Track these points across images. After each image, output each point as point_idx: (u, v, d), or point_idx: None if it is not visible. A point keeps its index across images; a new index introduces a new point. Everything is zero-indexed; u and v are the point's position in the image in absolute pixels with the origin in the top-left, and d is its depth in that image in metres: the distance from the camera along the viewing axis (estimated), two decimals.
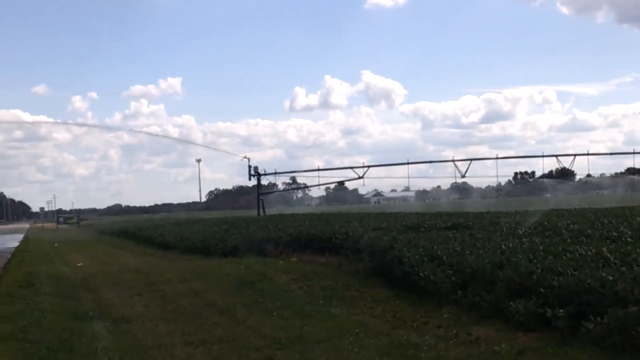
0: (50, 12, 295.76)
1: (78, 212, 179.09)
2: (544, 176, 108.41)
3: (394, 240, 22.88)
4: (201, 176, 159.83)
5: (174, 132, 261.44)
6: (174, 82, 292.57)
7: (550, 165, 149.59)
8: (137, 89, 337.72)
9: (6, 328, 15.75)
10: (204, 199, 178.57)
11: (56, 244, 55.12)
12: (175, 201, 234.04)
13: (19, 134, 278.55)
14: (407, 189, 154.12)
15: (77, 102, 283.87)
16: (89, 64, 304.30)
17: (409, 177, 77.82)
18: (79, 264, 34.41)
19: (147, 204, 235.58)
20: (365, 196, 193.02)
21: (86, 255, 42.72)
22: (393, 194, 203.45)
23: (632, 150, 78.67)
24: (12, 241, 65.82)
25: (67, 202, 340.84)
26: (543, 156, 76.84)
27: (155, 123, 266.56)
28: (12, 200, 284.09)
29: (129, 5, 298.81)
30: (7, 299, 20.88)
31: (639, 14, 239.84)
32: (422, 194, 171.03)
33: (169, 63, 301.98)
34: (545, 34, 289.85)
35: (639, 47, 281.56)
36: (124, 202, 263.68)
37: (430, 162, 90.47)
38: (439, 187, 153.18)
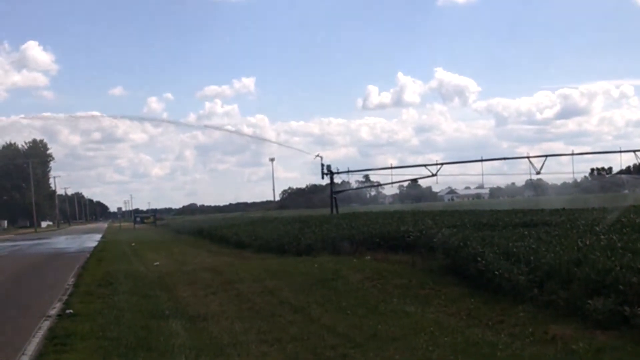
0: (124, 15, 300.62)
1: (154, 212, 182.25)
2: (621, 172, 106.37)
3: (467, 237, 22.70)
4: (275, 175, 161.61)
5: (248, 131, 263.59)
6: (248, 82, 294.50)
7: (628, 160, 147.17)
8: (211, 89, 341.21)
9: (86, 326, 16.09)
10: (277, 198, 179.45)
11: (133, 244, 55.97)
12: (249, 200, 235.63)
13: (96, 135, 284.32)
14: (481, 186, 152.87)
15: (153, 103, 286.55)
16: (163, 66, 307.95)
17: (482, 175, 76.84)
18: (155, 263, 34.88)
19: (221, 204, 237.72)
20: (439, 194, 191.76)
21: (162, 254, 43.30)
22: (467, 192, 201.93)
23: None
24: (91, 241, 67.15)
25: (143, 202, 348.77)
26: (620, 152, 75.41)
27: (229, 123, 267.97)
28: (91, 201, 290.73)
29: (201, 6, 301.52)
30: (86, 298, 21.33)
31: None
32: (496, 191, 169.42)
33: (242, 63, 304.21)
34: (621, 26, 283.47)
35: None
36: (199, 202, 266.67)
37: (505, 159, 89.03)
38: (513, 184, 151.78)
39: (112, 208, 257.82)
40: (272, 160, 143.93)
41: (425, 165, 75.26)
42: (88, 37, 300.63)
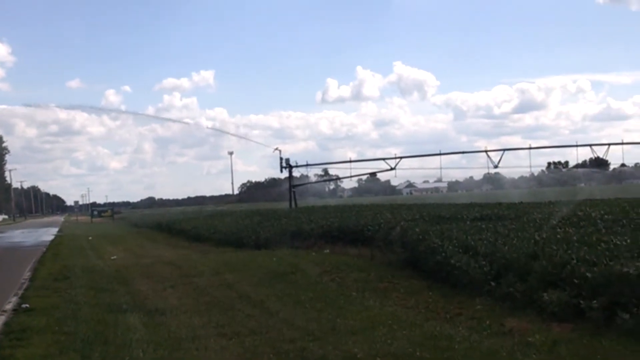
0: (82, 7, 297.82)
1: (112, 205, 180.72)
2: (577, 166, 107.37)
3: (426, 231, 22.80)
4: (233, 169, 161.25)
5: (207, 125, 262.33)
6: (207, 75, 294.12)
7: (584, 155, 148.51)
8: (169, 82, 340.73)
9: (42, 320, 15.89)
10: (236, 192, 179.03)
11: (90, 237, 55.48)
12: (208, 194, 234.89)
13: (53, 128, 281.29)
14: (439, 180, 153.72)
15: (111, 95, 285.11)
16: (121, 58, 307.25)
17: (441, 168, 77.26)
18: (113, 257, 34.65)
19: (180, 197, 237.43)
20: (398, 187, 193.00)
21: (120, 248, 43.04)
22: (425, 185, 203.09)
23: None
24: (47, 235, 66.40)
25: (101, 196, 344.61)
26: (577, 146, 76.30)
27: (188, 116, 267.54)
28: (47, 194, 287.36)
29: None
30: (42, 292, 21.08)
31: None
32: (454, 184, 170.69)
33: (201, 56, 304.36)
34: (578, 22, 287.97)
35: None
36: (157, 195, 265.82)
37: (463, 152, 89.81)
38: (471, 177, 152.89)
39: (69, 202, 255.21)
40: (231, 153, 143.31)
41: (384, 159, 75.58)
42: (45, 29, 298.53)
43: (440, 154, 74.94)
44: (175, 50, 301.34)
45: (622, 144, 76.44)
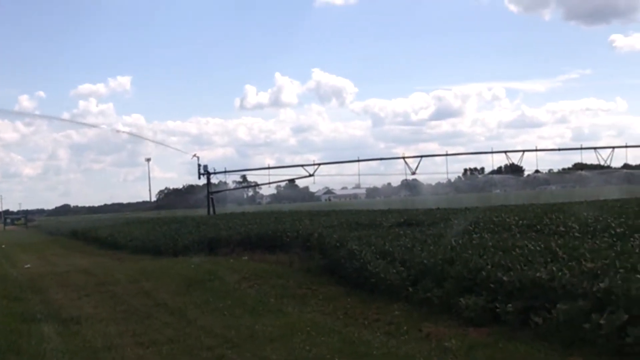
0: None
1: (25, 213, 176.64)
2: (493, 172, 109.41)
3: (344, 237, 22.89)
4: (151, 175, 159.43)
5: (124, 131, 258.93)
6: (124, 81, 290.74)
7: (500, 161, 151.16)
8: (85, 87, 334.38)
9: None
10: (154, 199, 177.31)
11: (3, 245, 54.31)
12: (124, 201, 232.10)
13: None
14: (357, 186, 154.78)
15: (25, 101, 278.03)
16: (35, 63, 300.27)
17: (359, 175, 78.41)
18: (26, 265, 33.99)
19: (96, 204, 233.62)
20: (316, 194, 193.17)
21: (34, 256, 42.25)
22: (344, 192, 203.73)
23: (579, 146, 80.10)
24: None
25: (14, 203, 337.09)
26: (492, 152, 77.93)
27: (104, 122, 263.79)
28: None
29: (75, 3, 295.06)
30: None
31: (585, 11, 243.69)
32: (372, 191, 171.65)
33: (118, 62, 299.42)
34: (493, 31, 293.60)
35: (585, 44, 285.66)
36: (73, 203, 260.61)
37: (381, 159, 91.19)
38: (389, 184, 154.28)
39: None
40: (148, 160, 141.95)
41: (302, 166, 76.03)
42: None
43: (358, 161, 75.84)
44: (91, 56, 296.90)
45: (536, 150, 78.47)
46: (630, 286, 10.99)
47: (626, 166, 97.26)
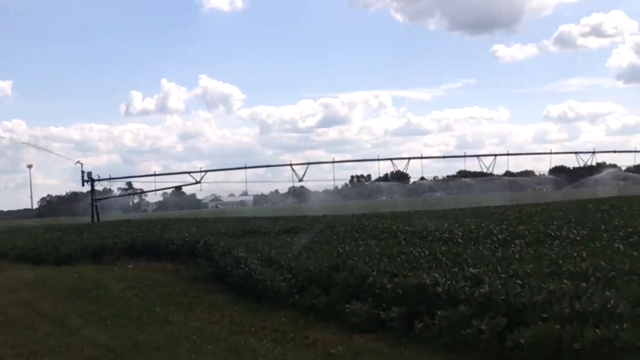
0: None
1: None
2: (379, 179, 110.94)
3: (231, 244, 22.82)
4: (33, 182, 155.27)
5: (4, 137, 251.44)
6: (4, 86, 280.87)
7: (386, 168, 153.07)
8: None
9: None
10: (35, 206, 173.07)
11: None
12: (4, 208, 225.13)
13: None
14: (245, 193, 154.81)
15: None
16: None
17: (246, 182, 78.19)
18: None
19: None
20: (203, 201, 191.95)
21: None
22: (231, 199, 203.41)
23: (463, 154, 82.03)
24: None
25: None
26: (379, 160, 79.19)
27: None
28: None
29: None
30: None
31: (468, 22, 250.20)
32: (260, 198, 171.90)
33: None
34: (380, 40, 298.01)
35: (469, 54, 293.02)
36: None
37: (268, 166, 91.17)
38: (276, 191, 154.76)
39: None
40: (30, 166, 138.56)
41: (189, 173, 75.51)
42: None
43: (245, 168, 75.74)
44: None
45: (422, 158, 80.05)
46: (509, 292, 11.28)
47: (508, 173, 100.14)
